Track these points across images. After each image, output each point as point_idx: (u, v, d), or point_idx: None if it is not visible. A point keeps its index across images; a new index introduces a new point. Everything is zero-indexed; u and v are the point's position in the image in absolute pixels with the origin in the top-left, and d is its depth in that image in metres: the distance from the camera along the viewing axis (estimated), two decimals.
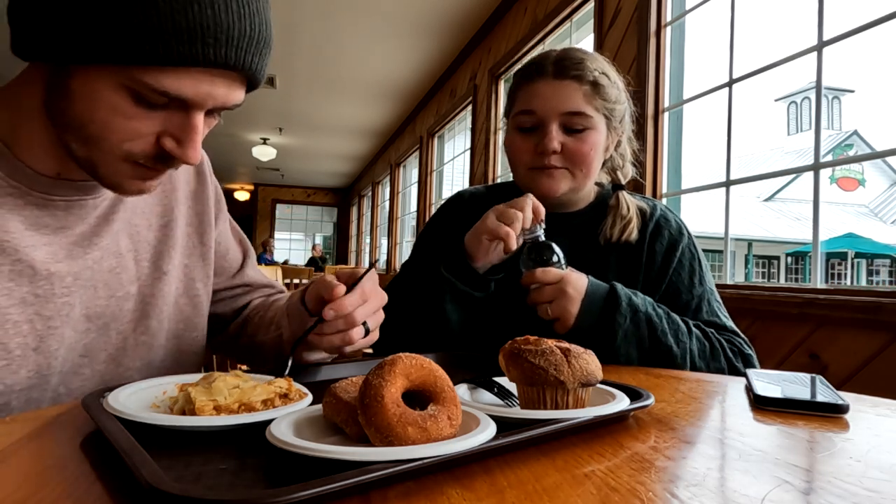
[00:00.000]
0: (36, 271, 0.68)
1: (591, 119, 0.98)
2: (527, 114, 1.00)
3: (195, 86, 0.60)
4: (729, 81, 2.23)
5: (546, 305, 0.88)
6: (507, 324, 0.99)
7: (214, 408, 0.51)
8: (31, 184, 0.67)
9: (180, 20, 0.56)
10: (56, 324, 0.70)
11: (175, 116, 0.62)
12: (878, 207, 25.40)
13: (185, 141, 0.63)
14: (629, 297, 0.90)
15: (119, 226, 0.78)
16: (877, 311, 1.53)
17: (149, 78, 0.58)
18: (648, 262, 1.03)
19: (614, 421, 0.55)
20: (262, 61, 0.64)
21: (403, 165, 7.99)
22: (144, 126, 0.62)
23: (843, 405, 0.60)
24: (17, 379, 0.67)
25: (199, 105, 0.62)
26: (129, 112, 0.60)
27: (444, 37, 4.81)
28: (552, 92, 0.98)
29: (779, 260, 23.55)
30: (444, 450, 0.40)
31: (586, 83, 0.98)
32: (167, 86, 0.58)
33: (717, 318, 1.00)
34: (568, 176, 1.00)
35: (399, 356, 0.46)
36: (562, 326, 0.88)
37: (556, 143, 0.97)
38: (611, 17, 2.77)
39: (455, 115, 5.46)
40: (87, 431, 0.50)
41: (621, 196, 1.06)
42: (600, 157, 1.02)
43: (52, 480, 0.40)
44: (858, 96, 50.10)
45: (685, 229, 1.07)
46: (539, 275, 0.88)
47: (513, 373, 0.56)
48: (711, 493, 0.39)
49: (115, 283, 0.77)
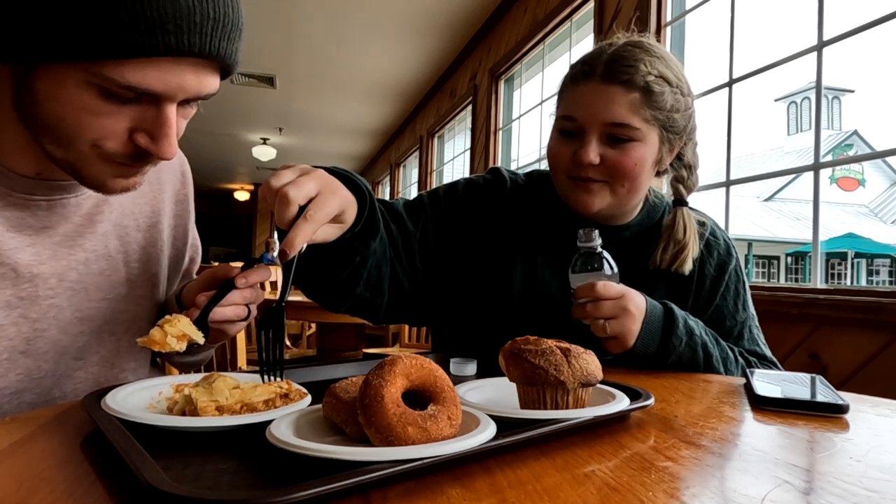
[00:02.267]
0: (19, 274, 0.67)
1: (637, 131, 0.87)
2: (568, 119, 0.91)
3: (162, 77, 0.57)
4: (729, 81, 2.23)
5: (604, 322, 0.80)
6: (507, 324, 0.98)
7: (217, 408, 0.51)
8: (11, 185, 0.66)
9: (136, 9, 0.53)
10: (43, 326, 0.69)
11: (146, 111, 0.60)
12: (878, 207, 25.39)
13: (159, 136, 0.60)
14: (685, 320, 0.85)
15: (107, 227, 0.77)
16: (877, 311, 1.53)
17: (111, 72, 0.55)
18: (698, 286, 0.96)
19: (614, 421, 0.55)
20: (231, 45, 0.61)
21: (403, 165, 7.99)
22: (115, 122, 0.59)
23: (843, 405, 0.60)
24: (7, 382, 0.66)
25: (169, 97, 0.59)
26: (98, 109, 0.58)
27: (444, 37, 4.81)
28: (595, 98, 0.88)
29: (779, 260, 23.54)
30: (444, 450, 0.40)
31: (636, 89, 0.86)
32: (131, 79, 0.56)
33: (757, 348, 0.96)
34: (607, 191, 0.90)
35: (399, 356, 0.46)
36: (619, 346, 0.81)
37: (595, 156, 0.87)
38: (611, 17, 2.77)
39: (455, 115, 5.46)
40: (87, 431, 0.50)
41: (680, 215, 0.94)
42: (649, 172, 0.92)
43: (52, 480, 0.40)
44: (858, 96, 50.19)
45: (733, 249, 1.00)
46: (600, 289, 0.79)
47: (513, 373, 0.56)
48: (711, 493, 0.39)
49: (107, 286, 0.77)
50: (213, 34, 0.58)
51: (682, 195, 0.97)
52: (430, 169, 6.35)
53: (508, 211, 1.00)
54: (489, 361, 0.76)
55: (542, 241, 0.98)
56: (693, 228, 0.94)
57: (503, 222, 0.99)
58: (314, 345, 3.85)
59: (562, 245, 0.96)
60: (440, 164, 6.28)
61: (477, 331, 0.98)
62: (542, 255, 0.98)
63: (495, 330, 0.93)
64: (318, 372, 0.76)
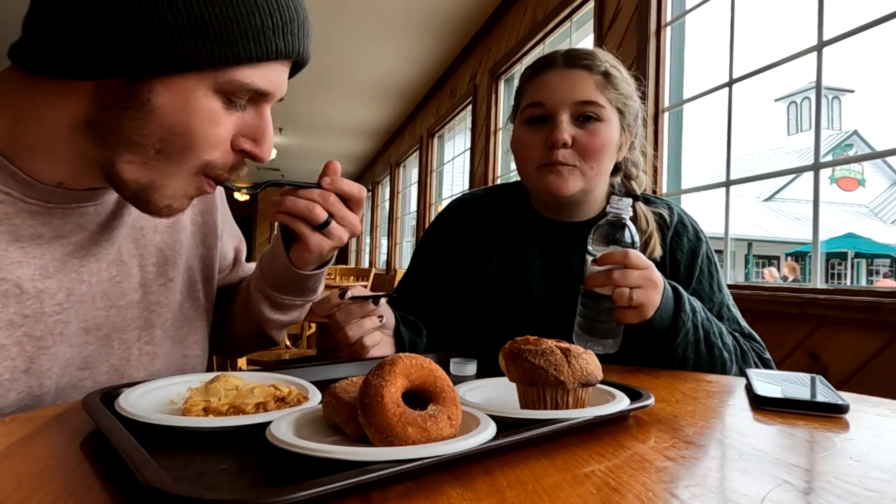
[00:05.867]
0: (23, 290, 0.63)
1: (604, 109, 0.93)
2: (536, 106, 0.95)
3: (274, 79, 0.62)
4: (729, 81, 2.23)
5: (629, 290, 0.79)
6: (507, 324, 0.99)
7: (203, 409, 0.51)
8: (24, 191, 0.62)
9: (267, 14, 0.58)
10: (48, 343, 0.65)
11: (248, 115, 0.63)
12: (878, 207, 25.39)
13: (261, 138, 0.64)
14: (688, 298, 0.86)
15: (123, 231, 0.74)
16: (877, 311, 1.53)
17: (244, 77, 0.59)
18: (672, 273, 0.98)
19: (614, 421, 0.55)
20: (309, 45, 0.66)
21: (403, 165, 7.99)
22: (227, 131, 0.62)
23: (843, 405, 0.60)
24: (7, 402, 0.63)
25: (272, 97, 0.63)
26: (219, 118, 0.60)
27: (444, 37, 4.81)
28: (562, 81, 0.94)
29: (779, 260, 23.55)
30: (444, 450, 0.40)
31: (597, 73, 0.94)
32: (259, 82, 0.60)
33: (737, 325, 0.98)
34: (578, 174, 0.94)
35: (399, 356, 0.46)
36: (637, 316, 0.81)
37: (567, 136, 0.91)
38: (611, 17, 2.77)
39: (455, 115, 5.46)
40: (87, 431, 0.50)
41: (638, 208, 0.99)
42: (612, 155, 0.96)
43: (52, 480, 0.40)
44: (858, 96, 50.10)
45: (701, 233, 1.03)
46: (633, 257, 0.79)
47: (513, 373, 0.56)
48: (711, 493, 0.39)
49: (116, 293, 0.73)
50: (304, 36, 0.63)
51: (633, 190, 1.03)
52: (430, 169, 6.35)
53: (470, 221, 1.09)
54: (489, 361, 0.76)
55: (511, 240, 1.05)
56: (652, 215, 1.00)
57: (475, 228, 1.08)
58: (314, 345, 3.85)
59: (526, 244, 1.03)
60: (440, 164, 6.28)
61: (467, 327, 1.03)
62: (514, 252, 1.04)
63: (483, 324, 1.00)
64: (318, 372, 0.76)
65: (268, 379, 0.62)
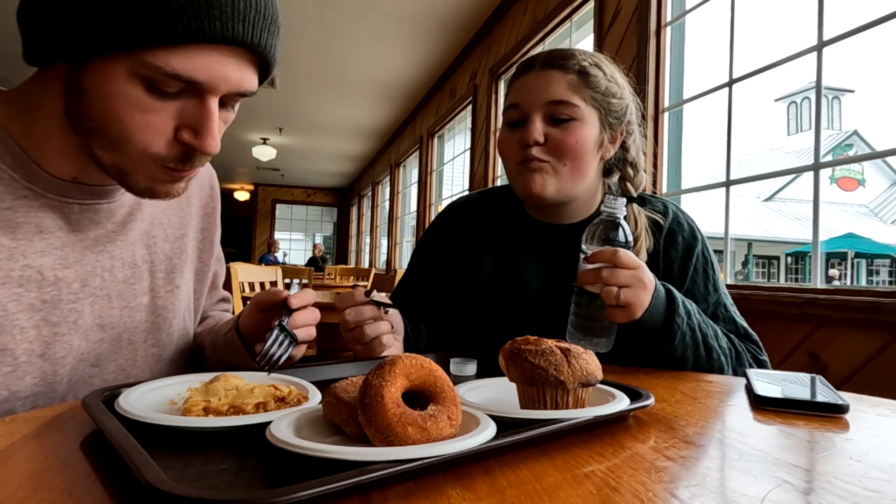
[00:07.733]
0: (44, 277, 0.67)
1: (576, 109, 0.93)
2: (513, 108, 0.97)
3: (207, 66, 0.58)
4: (729, 81, 2.23)
5: (617, 289, 0.79)
6: (502, 325, 0.99)
7: (204, 408, 0.51)
8: (46, 186, 0.67)
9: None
10: (63, 330, 0.69)
11: (189, 105, 0.61)
12: (878, 207, 25.39)
13: (202, 129, 0.61)
14: (683, 300, 0.87)
15: (136, 235, 0.78)
16: (877, 311, 1.53)
17: (158, 60, 0.56)
18: (665, 271, 0.98)
19: (614, 421, 0.55)
20: (271, 39, 0.62)
21: (403, 165, 7.99)
22: (161, 120, 0.60)
23: (843, 405, 0.60)
24: (22, 385, 0.66)
25: (212, 88, 0.60)
26: (144, 104, 0.59)
27: (444, 37, 4.81)
28: (536, 82, 0.95)
29: (779, 260, 23.54)
30: (444, 450, 0.40)
31: (572, 72, 0.94)
32: (178, 67, 0.56)
33: (733, 325, 0.98)
34: (551, 171, 0.95)
35: (399, 356, 0.46)
36: (625, 315, 0.81)
37: (538, 135, 0.93)
38: (611, 17, 2.77)
39: (455, 115, 5.46)
40: (87, 431, 0.50)
41: (630, 210, 0.99)
42: (591, 154, 0.96)
43: (52, 480, 0.40)
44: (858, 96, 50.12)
45: (698, 232, 1.03)
46: (622, 256, 0.79)
47: (513, 373, 0.56)
48: (711, 493, 0.39)
49: (129, 294, 0.77)
50: (256, 24, 0.59)
51: (629, 191, 1.03)
52: (430, 169, 6.35)
53: (465, 224, 1.11)
54: (489, 361, 0.76)
55: (506, 242, 1.06)
56: (644, 219, 0.99)
57: (470, 231, 1.10)
58: (314, 345, 3.85)
59: (521, 246, 1.04)
60: (440, 164, 6.28)
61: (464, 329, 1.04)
62: (509, 254, 1.05)
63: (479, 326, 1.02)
64: (318, 372, 0.76)
65: (268, 379, 0.63)
